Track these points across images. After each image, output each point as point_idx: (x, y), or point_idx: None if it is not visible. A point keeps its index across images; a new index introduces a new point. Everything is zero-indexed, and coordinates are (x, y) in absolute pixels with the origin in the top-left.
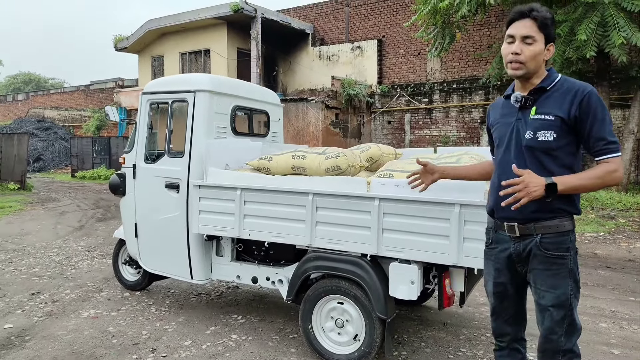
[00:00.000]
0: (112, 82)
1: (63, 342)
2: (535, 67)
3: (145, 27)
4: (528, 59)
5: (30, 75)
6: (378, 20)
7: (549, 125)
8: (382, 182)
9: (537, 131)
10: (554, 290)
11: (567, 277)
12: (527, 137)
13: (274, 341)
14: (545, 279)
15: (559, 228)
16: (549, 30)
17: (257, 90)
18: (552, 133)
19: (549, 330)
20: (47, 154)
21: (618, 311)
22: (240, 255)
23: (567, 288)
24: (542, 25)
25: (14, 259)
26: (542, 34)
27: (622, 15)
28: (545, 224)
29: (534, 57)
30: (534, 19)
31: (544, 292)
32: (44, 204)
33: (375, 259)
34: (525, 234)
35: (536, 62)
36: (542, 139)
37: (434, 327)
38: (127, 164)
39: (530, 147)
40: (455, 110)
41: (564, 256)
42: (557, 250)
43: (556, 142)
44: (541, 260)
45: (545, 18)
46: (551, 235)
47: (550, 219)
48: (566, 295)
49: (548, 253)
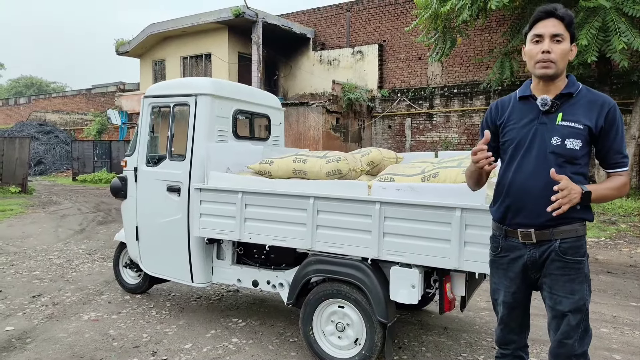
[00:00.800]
0: (114, 86)
1: (64, 344)
2: (563, 66)
3: (146, 32)
4: (559, 58)
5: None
6: (379, 25)
7: (577, 134)
8: (383, 185)
9: (566, 138)
10: (572, 295)
11: (584, 282)
12: (555, 144)
13: (275, 345)
14: (563, 284)
15: (577, 232)
16: (573, 29)
17: (259, 94)
18: (579, 142)
19: (564, 334)
20: (49, 157)
21: (619, 316)
22: (241, 258)
23: (584, 293)
24: (569, 24)
25: (15, 262)
26: (569, 33)
27: (623, 20)
28: (563, 229)
29: (564, 55)
30: (560, 18)
31: (562, 297)
32: (45, 207)
33: (376, 263)
34: (543, 239)
35: (564, 62)
36: (570, 147)
37: (435, 331)
38: (129, 167)
39: (557, 153)
40: (456, 115)
41: (581, 261)
42: (575, 255)
43: (581, 151)
44: (559, 266)
45: (571, 17)
46: (570, 240)
47: (568, 224)
48: (583, 300)
49: (567, 258)
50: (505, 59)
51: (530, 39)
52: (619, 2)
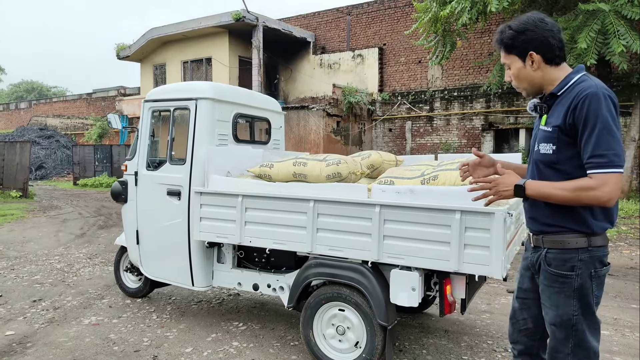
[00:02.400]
0: (114, 90)
1: (64, 349)
2: (527, 84)
3: (147, 36)
4: (515, 82)
5: (32, 84)
6: (379, 28)
7: (548, 137)
8: (383, 188)
9: (540, 143)
10: (555, 308)
11: (571, 297)
12: (536, 149)
13: (275, 348)
14: (549, 295)
15: (563, 244)
16: (515, 47)
17: (259, 97)
18: (550, 146)
19: (553, 349)
20: (49, 161)
21: (620, 318)
22: (242, 262)
23: (570, 308)
24: (508, 48)
25: (15, 266)
26: (512, 55)
27: (622, 23)
28: (550, 238)
29: (517, 77)
30: (500, 44)
31: (547, 308)
32: (46, 212)
33: (376, 266)
34: (537, 245)
35: (525, 80)
36: (543, 151)
37: (435, 334)
38: (129, 171)
39: (536, 160)
40: (457, 118)
41: (568, 275)
42: (559, 268)
43: (557, 155)
44: (545, 276)
45: (504, 40)
46: (555, 251)
47: (555, 234)
48: (568, 315)
49: (550, 270)
50: None
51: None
52: (618, 5)
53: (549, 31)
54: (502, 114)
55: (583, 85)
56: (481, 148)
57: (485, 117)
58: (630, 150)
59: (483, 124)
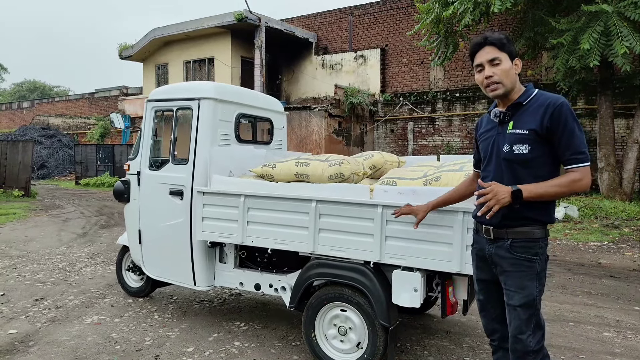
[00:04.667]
0: (117, 90)
1: (66, 347)
2: (511, 83)
3: (149, 36)
4: (502, 77)
5: (35, 83)
6: (381, 29)
7: (523, 139)
8: (385, 189)
9: (514, 144)
10: (521, 290)
11: (534, 280)
12: (505, 150)
13: (277, 348)
14: (514, 279)
15: (528, 235)
16: (508, 47)
17: (261, 98)
18: (526, 146)
19: (517, 329)
20: (52, 161)
21: (622, 320)
22: (244, 262)
23: (534, 289)
24: (501, 46)
25: (18, 265)
26: (505, 53)
27: (625, 24)
28: (516, 230)
29: (506, 73)
30: (491, 44)
31: (513, 292)
32: (48, 211)
33: (378, 267)
34: (499, 237)
35: (510, 78)
36: (518, 151)
37: (437, 335)
38: (132, 171)
39: (507, 159)
40: (458, 119)
41: (532, 259)
42: (526, 254)
43: (531, 154)
44: (511, 262)
45: (501, 39)
46: (521, 240)
47: (522, 226)
48: (532, 295)
49: (517, 255)
50: None
51: (475, 69)
52: (621, 6)
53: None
54: None
55: (548, 95)
56: None
57: None
58: (633, 152)
59: None
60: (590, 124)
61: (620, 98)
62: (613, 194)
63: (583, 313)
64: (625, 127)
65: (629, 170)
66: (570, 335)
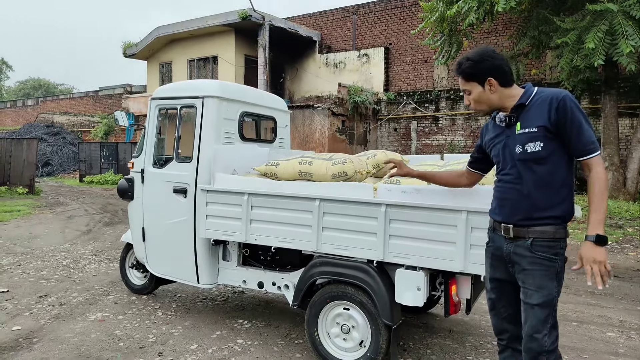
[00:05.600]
0: (121, 88)
1: (70, 344)
2: (488, 105)
3: (153, 34)
4: (475, 105)
5: (39, 81)
6: (385, 28)
7: (534, 137)
8: (388, 188)
9: (526, 144)
10: (540, 289)
11: (554, 279)
12: (518, 151)
13: (280, 346)
14: (534, 278)
15: (550, 235)
16: (474, 75)
17: (265, 96)
18: (538, 143)
19: (534, 328)
20: (56, 158)
21: (626, 320)
22: (247, 260)
23: (553, 289)
24: (467, 76)
25: (22, 262)
26: (472, 82)
27: (630, 23)
28: (537, 229)
29: (478, 100)
30: (460, 74)
31: (532, 291)
32: (52, 208)
33: (382, 265)
34: (519, 236)
35: (486, 102)
36: (531, 150)
37: (440, 334)
38: (136, 169)
39: (522, 159)
40: (462, 118)
41: (553, 259)
42: (547, 253)
43: (545, 151)
44: (531, 261)
45: (464, 71)
46: (542, 239)
47: (543, 225)
48: (552, 295)
49: (538, 254)
50: (511, 62)
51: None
52: (627, 5)
53: (502, 60)
54: None
55: (551, 91)
56: None
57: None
58: (637, 152)
59: None
60: (595, 123)
61: (624, 97)
62: (617, 193)
63: (586, 313)
64: (629, 126)
65: (633, 170)
66: (573, 335)
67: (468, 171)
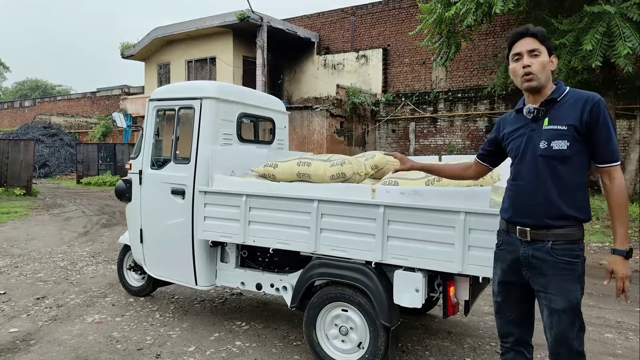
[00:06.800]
0: (118, 89)
1: (68, 346)
2: (545, 78)
3: (151, 35)
4: (539, 69)
5: (37, 82)
6: (383, 29)
7: (562, 135)
8: (387, 189)
9: (552, 141)
10: (565, 294)
11: (577, 283)
12: (542, 147)
13: (278, 348)
14: (556, 283)
15: (569, 237)
16: (548, 43)
17: (263, 97)
18: (565, 142)
19: (561, 334)
20: (53, 160)
21: (624, 322)
22: (245, 261)
23: (577, 293)
24: (542, 39)
25: (19, 264)
26: (544, 47)
27: (627, 25)
28: (556, 232)
29: (544, 66)
30: (533, 36)
31: (556, 296)
32: (50, 210)
33: (380, 267)
34: (537, 239)
35: (545, 73)
36: (557, 147)
37: (439, 335)
38: (134, 170)
39: (545, 156)
40: (460, 120)
41: (574, 262)
42: (568, 256)
43: (570, 150)
44: (552, 266)
45: (543, 32)
46: (562, 242)
47: (561, 227)
48: (577, 299)
49: (559, 259)
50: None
51: (512, 58)
52: (624, 7)
53: None
54: None
55: (583, 92)
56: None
57: (489, 118)
58: (635, 154)
59: (487, 126)
60: None
61: (622, 99)
62: None
63: (584, 314)
64: (627, 128)
65: (630, 172)
66: None
67: (476, 163)
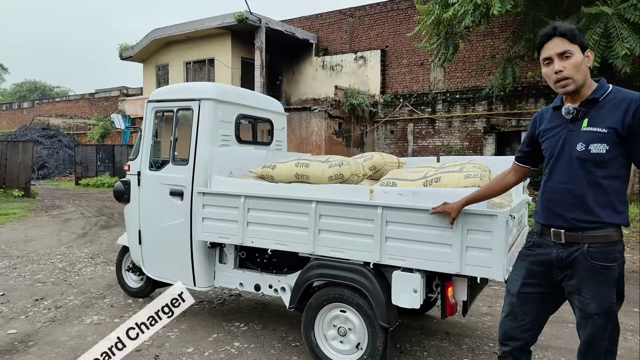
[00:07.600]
0: (117, 90)
1: (66, 348)
2: (582, 78)
3: (150, 37)
4: (573, 72)
5: (35, 84)
6: (381, 30)
7: (601, 138)
8: (385, 190)
9: (590, 144)
10: (599, 299)
11: (613, 287)
12: (579, 149)
13: (276, 349)
14: (590, 287)
15: (606, 239)
16: (580, 39)
17: (262, 98)
18: (604, 146)
19: (592, 337)
20: (52, 161)
21: (622, 322)
22: (243, 262)
23: (612, 297)
24: (572, 37)
25: (18, 265)
26: (576, 45)
27: (625, 26)
28: (592, 234)
29: (577, 67)
30: (562, 35)
31: (589, 300)
32: (48, 211)
33: (378, 268)
34: (572, 241)
35: (581, 73)
36: (595, 151)
37: (437, 336)
38: (132, 171)
39: (582, 159)
40: (458, 121)
41: (610, 267)
42: (604, 261)
43: (609, 154)
44: (587, 269)
45: (572, 30)
46: (599, 245)
47: (597, 229)
48: (610, 304)
49: (595, 263)
50: (507, 65)
51: (542, 62)
52: (621, 8)
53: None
54: (504, 117)
55: (627, 92)
56: (483, 151)
57: (487, 119)
58: None
59: (485, 127)
60: None
61: None
62: None
63: None
64: None
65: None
66: (569, 337)
67: (515, 167)
